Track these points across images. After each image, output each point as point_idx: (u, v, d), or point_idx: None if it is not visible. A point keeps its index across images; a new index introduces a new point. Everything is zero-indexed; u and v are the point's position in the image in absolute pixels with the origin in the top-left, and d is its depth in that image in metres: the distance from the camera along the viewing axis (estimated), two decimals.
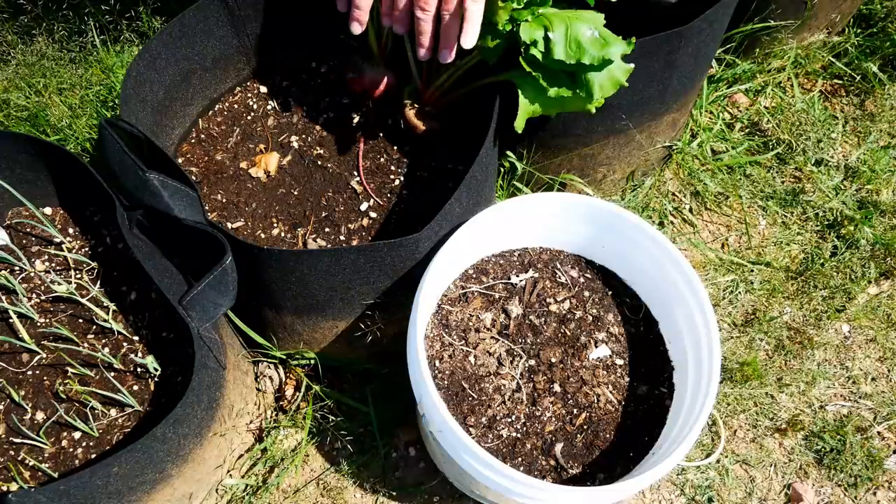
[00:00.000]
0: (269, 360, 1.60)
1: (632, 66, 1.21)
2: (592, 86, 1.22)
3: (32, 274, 1.36)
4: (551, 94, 1.24)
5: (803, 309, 1.74)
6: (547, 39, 1.18)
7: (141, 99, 1.35)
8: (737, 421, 1.63)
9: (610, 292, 1.43)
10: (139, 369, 1.27)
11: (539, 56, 1.19)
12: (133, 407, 1.24)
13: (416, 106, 1.49)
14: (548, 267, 1.45)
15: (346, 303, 1.34)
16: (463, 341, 1.35)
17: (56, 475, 1.18)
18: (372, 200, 1.46)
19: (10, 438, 1.21)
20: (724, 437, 1.60)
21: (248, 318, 1.45)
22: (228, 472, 1.46)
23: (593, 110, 1.30)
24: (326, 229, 1.43)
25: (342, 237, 1.42)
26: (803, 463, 1.59)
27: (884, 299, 1.76)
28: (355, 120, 1.57)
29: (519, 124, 1.28)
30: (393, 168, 1.50)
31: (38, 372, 1.27)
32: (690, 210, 1.89)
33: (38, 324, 1.31)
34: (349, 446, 1.56)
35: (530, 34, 1.17)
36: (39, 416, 1.24)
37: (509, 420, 1.29)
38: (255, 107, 1.59)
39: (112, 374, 1.26)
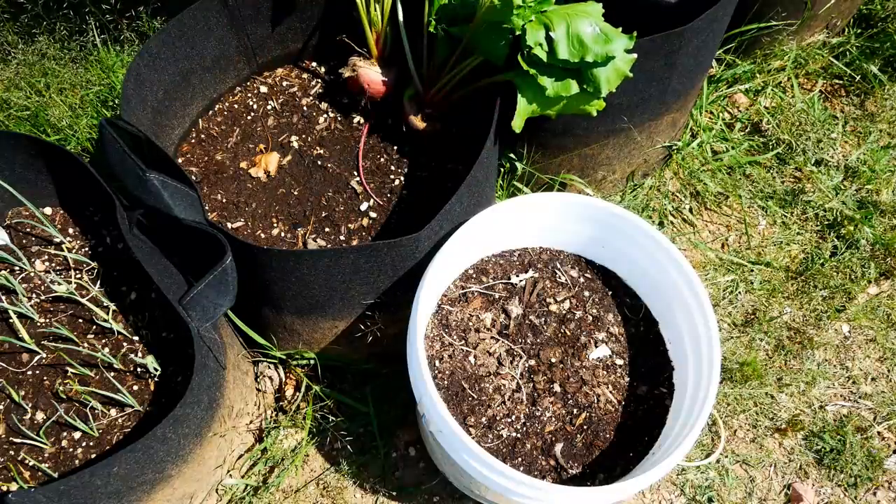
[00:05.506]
0: (269, 360, 1.60)
1: (634, 56, 1.21)
2: (599, 81, 1.22)
3: (32, 274, 1.36)
4: (550, 93, 1.24)
5: (803, 309, 1.74)
6: (549, 39, 1.18)
7: (141, 99, 1.35)
8: (737, 421, 1.63)
9: (610, 292, 1.43)
10: (139, 369, 1.27)
11: (544, 56, 1.19)
12: (133, 407, 1.24)
13: (416, 107, 1.49)
14: (548, 267, 1.45)
15: (346, 303, 1.34)
16: (463, 341, 1.35)
17: (56, 475, 1.18)
18: (372, 200, 1.46)
19: (10, 438, 1.21)
20: (724, 437, 1.60)
21: (248, 318, 1.45)
22: (228, 472, 1.46)
23: (594, 113, 1.30)
24: (326, 229, 1.43)
25: (342, 237, 1.42)
26: (803, 463, 1.59)
27: (884, 299, 1.76)
28: (355, 120, 1.57)
29: (517, 124, 1.28)
30: (393, 168, 1.50)
31: (38, 372, 1.27)
32: (690, 210, 1.89)
33: (38, 324, 1.31)
34: (349, 446, 1.56)
35: (534, 36, 1.17)
36: (39, 416, 1.24)
37: (509, 420, 1.29)
38: (255, 107, 1.59)
39: (112, 374, 1.26)
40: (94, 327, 1.31)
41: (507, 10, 1.18)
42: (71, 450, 1.21)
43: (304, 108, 1.59)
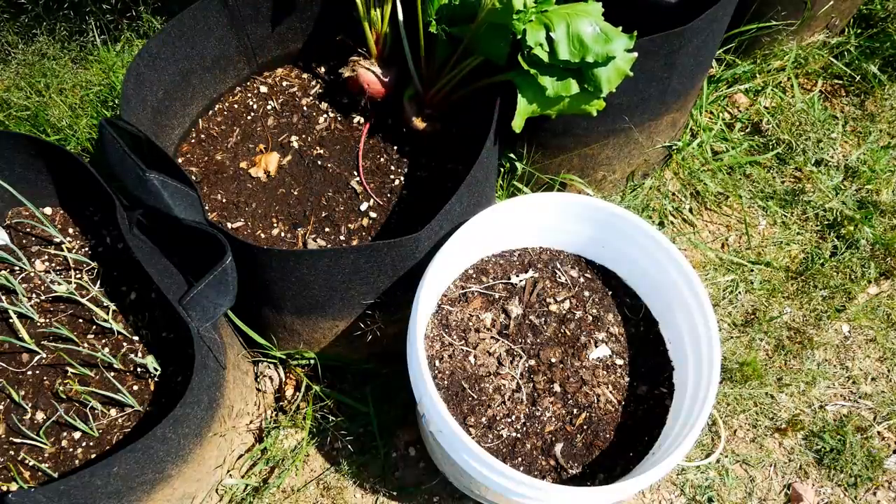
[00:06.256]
0: (269, 360, 1.60)
1: (635, 55, 1.21)
2: (600, 81, 1.22)
3: (32, 274, 1.36)
4: (550, 93, 1.24)
5: (803, 309, 1.74)
6: (550, 39, 1.18)
7: (141, 99, 1.35)
8: (737, 421, 1.63)
9: (610, 292, 1.43)
10: (139, 369, 1.27)
11: (544, 56, 1.19)
12: (133, 407, 1.24)
13: (416, 107, 1.49)
14: (548, 267, 1.45)
15: (346, 303, 1.34)
16: (463, 341, 1.35)
17: (56, 475, 1.18)
18: (372, 200, 1.46)
19: (10, 438, 1.21)
20: (724, 437, 1.60)
21: (248, 318, 1.45)
22: (228, 472, 1.46)
23: (594, 113, 1.30)
24: (326, 229, 1.43)
25: (342, 237, 1.42)
26: (803, 463, 1.59)
27: (884, 299, 1.76)
28: (355, 120, 1.57)
29: (517, 124, 1.28)
30: (393, 168, 1.50)
31: (38, 372, 1.27)
32: (690, 210, 1.89)
33: (38, 324, 1.31)
34: (349, 446, 1.56)
35: (535, 36, 1.17)
36: (39, 416, 1.24)
37: (509, 420, 1.29)
38: (255, 107, 1.59)
39: (112, 374, 1.26)
40: (94, 327, 1.31)
41: (507, 14, 1.18)
42: (71, 450, 1.21)
43: (304, 108, 1.59)
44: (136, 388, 1.26)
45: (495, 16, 1.22)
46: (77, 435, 1.22)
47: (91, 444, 1.21)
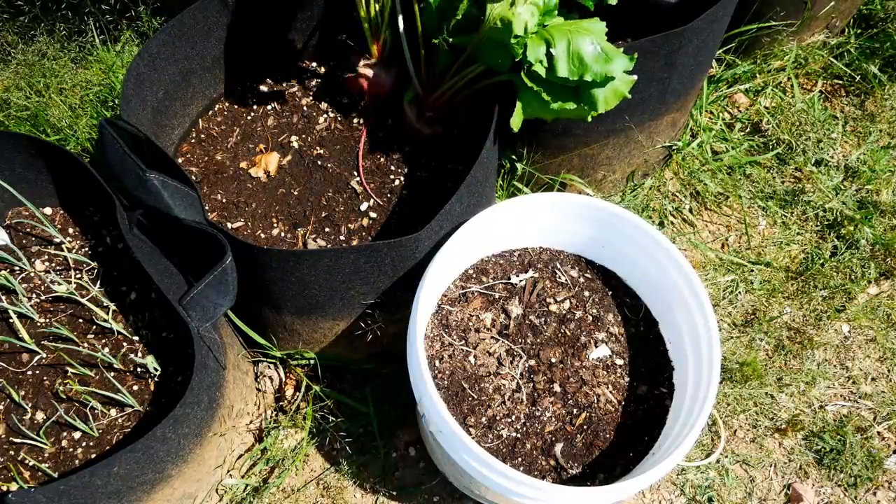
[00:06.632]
0: (269, 360, 1.60)
1: (634, 77, 1.21)
2: (597, 100, 1.23)
3: (32, 274, 1.36)
4: (554, 107, 1.24)
5: (803, 309, 1.74)
6: (550, 56, 1.17)
7: (141, 99, 1.35)
8: (737, 421, 1.63)
9: (610, 292, 1.43)
10: (139, 369, 1.27)
11: (543, 72, 1.19)
12: (133, 407, 1.24)
13: (417, 110, 1.48)
14: (548, 267, 1.45)
15: (346, 303, 1.34)
16: (463, 341, 1.35)
17: (56, 475, 1.18)
18: (372, 200, 1.46)
19: (10, 438, 1.21)
20: (724, 437, 1.60)
21: (248, 318, 1.45)
22: (228, 472, 1.46)
23: (589, 119, 1.30)
24: (326, 229, 1.43)
25: (342, 237, 1.42)
26: (803, 463, 1.59)
27: (884, 299, 1.76)
28: (355, 120, 1.57)
29: (515, 122, 1.28)
30: (393, 168, 1.50)
31: (38, 372, 1.27)
32: (690, 210, 1.89)
33: (38, 324, 1.31)
34: (349, 447, 1.56)
35: (535, 52, 1.17)
36: (39, 416, 1.24)
37: (509, 420, 1.29)
38: (255, 107, 1.59)
39: (112, 374, 1.26)
40: (94, 327, 1.31)
41: (507, 35, 1.18)
42: (71, 450, 1.21)
43: (304, 108, 1.59)
44: (136, 388, 1.26)
45: (496, 34, 1.22)
46: (77, 435, 1.22)
47: (91, 444, 1.21)
